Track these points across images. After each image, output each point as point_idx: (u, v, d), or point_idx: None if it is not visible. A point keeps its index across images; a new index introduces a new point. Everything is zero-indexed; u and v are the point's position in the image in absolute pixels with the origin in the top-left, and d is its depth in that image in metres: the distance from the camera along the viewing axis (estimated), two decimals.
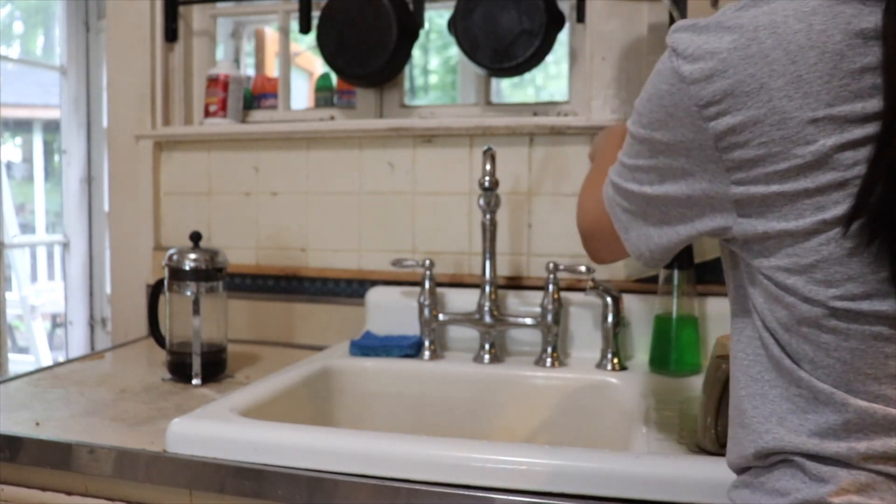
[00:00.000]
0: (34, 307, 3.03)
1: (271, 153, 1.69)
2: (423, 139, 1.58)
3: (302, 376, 1.30)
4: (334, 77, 1.73)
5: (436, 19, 2.64)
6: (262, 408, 1.13)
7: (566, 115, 1.55)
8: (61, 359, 2.45)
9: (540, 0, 1.47)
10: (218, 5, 1.80)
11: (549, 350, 1.37)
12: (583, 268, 1.36)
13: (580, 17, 1.52)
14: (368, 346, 1.43)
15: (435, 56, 3.48)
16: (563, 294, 1.42)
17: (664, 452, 0.96)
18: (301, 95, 2.39)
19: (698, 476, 0.86)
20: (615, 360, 1.35)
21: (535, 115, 1.58)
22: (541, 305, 1.39)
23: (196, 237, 1.39)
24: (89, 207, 2.84)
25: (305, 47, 2.64)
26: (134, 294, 1.79)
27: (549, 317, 1.38)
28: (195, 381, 1.34)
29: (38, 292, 3.12)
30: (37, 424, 1.11)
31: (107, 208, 2.55)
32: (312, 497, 0.94)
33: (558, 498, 0.87)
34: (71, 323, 2.83)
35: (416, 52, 1.98)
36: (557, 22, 1.50)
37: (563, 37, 1.56)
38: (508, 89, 2.92)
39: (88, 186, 2.83)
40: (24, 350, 3.21)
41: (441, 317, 1.45)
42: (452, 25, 1.54)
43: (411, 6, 1.61)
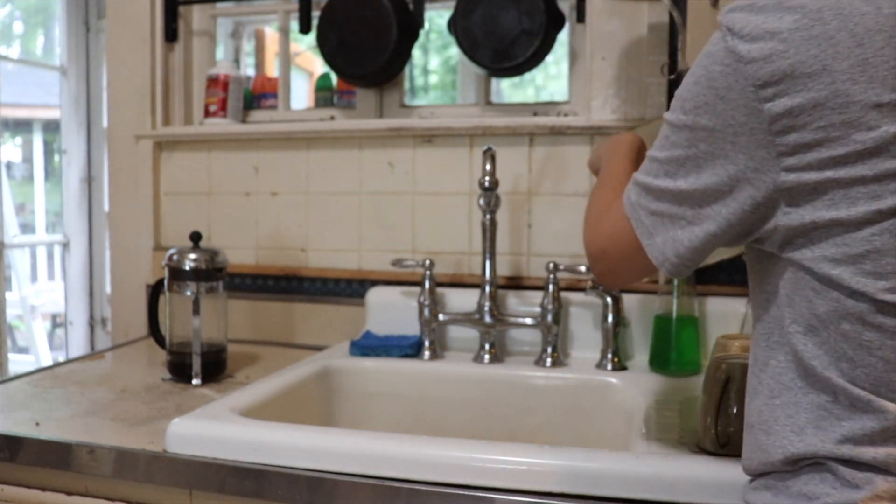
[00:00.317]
0: (34, 307, 3.03)
1: (271, 153, 1.69)
2: (423, 139, 1.58)
3: (302, 376, 1.30)
4: (334, 77, 1.73)
5: (436, 19, 2.64)
6: (262, 408, 1.13)
7: (566, 115, 1.55)
8: (61, 359, 2.45)
9: (540, 0, 1.47)
10: (218, 5, 1.80)
11: (549, 350, 1.37)
12: (583, 268, 1.36)
13: (580, 17, 1.52)
14: (368, 346, 1.43)
15: (435, 56, 3.47)
16: (563, 294, 1.42)
17: (664, 452, 0.96)
18: (301, 95, 2.39)
19: (698, 476, 0.85)
20: (615, 360, 1.35)
21: (535, 115, 1.58)
22: (541, 305, 1.39)
23: (196, 237, 1.39)
24: (89, 207, 2.85)
25: (305, 47, 2.64)
26: (134, 294, 1.79)
27: (549, 317, 1.38)
28: (195, 381, 1.35)
29: (38, 292, 3.12)
30: (37, 424, 1.11)
31: (107, 208, 2.55)
32: (312, 497, 0.93)
33: (558, 498, 0.87)
34: (71, 323, 2.83)
35: (416, 52, 1.98)
36: (557, 22, 1.50)
37: (563, 37, 1.56)
38: (508, 89, 2.92)
39: (88, 186, 2.83)
40: (24, 350, 3.22)
41: (441, 317, 1.45)
42: (452, 25, 1.54)
43: (411, 6, 1.61)
